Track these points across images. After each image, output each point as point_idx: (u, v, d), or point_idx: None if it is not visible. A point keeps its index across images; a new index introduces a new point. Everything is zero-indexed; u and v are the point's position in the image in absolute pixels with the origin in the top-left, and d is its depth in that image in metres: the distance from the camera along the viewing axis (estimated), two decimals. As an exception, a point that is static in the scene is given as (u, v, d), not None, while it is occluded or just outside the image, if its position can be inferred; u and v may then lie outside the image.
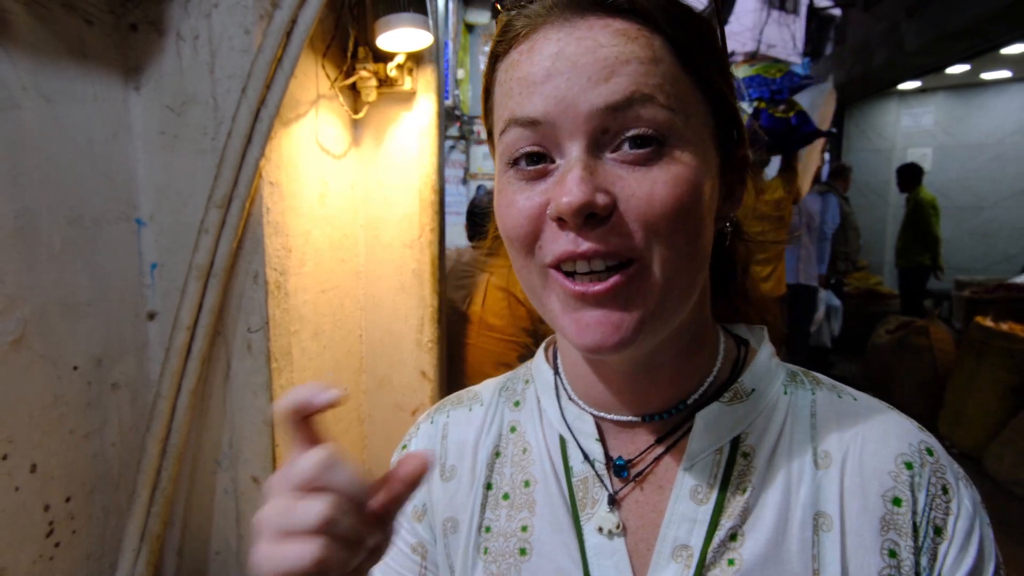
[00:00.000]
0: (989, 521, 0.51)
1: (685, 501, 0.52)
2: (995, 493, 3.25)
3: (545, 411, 0.60)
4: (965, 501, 0.50)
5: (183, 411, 1.34)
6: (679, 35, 0.47)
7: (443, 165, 1.87)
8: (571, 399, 0.58)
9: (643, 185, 0.44)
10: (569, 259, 0.45)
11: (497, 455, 0.60)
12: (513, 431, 0.61)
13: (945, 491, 0.50)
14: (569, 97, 0.45)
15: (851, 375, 5.06)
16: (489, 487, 0.59)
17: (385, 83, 1.69)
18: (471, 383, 2.47)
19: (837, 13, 9.43)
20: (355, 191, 1.79)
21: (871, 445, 0.51)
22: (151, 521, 1.33)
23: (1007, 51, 5.47)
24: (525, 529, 0.56)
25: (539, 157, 0.47)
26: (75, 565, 1.25)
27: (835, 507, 0.50)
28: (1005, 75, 6.62)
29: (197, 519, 1.50)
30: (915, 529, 0.49)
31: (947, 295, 6.10)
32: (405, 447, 0.67)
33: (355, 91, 1.70)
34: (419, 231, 1.82)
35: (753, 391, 0.54)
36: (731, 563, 0.50)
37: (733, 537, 0.50)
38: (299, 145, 1.49)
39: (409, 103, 1.76)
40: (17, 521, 1.12)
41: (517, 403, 0.63)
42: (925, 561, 0.48)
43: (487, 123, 0.57)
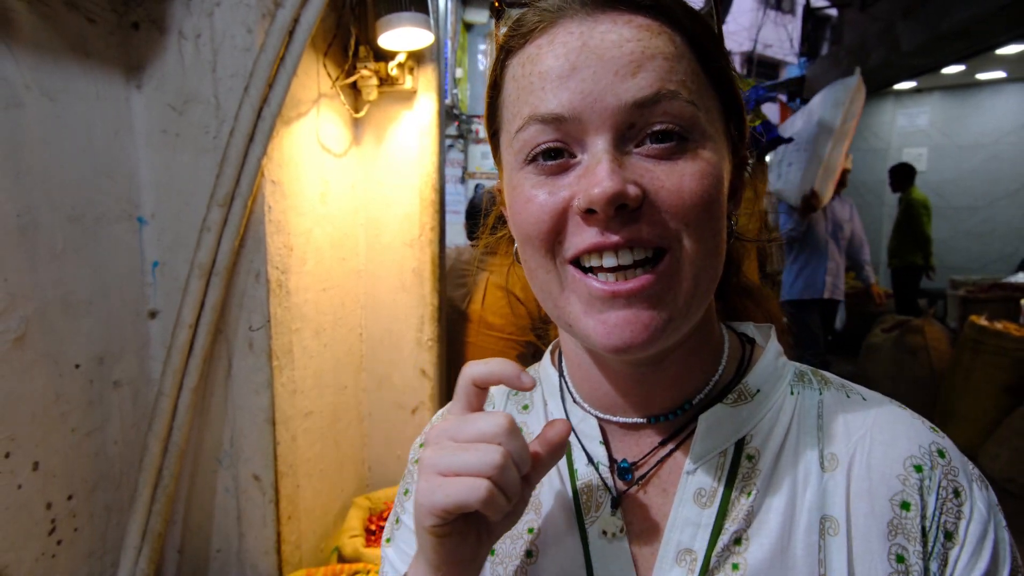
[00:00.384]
0: (1006, 524, 0.49)
1: (689, 504, 0.51)
2: (990, 492, 3.27)
3: (551, 414, 0.61)
4: (978, 504, 0.48)
5: (185, 409, 1.34)
6: (698, 32, 0.47)
7: (443, 164, 1.88)
8: (575, 402, 0.59)
9: (671, 177, 0.44)
10: (596, 250, 0.45)
11: None
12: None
13: (957, 494, 0.48)
14: (596, 91, 0.44)
15: (846, 374, 4.99)
16: None
17: (386, 82, 1.69)
18: (471, 381, 2.41)
19: (833, 13, 9.45)
20: (356, 190, 1.79)
21: (879, 447, 0.50)
22: (153, 519, 1.33)
23: (1002, 52, 5.49)
24: (531, 531, 0.57)
25: (557, 152, 0.46)
26: (77, 563, 1.26)
27: (841, 511, 0.49)
28: (1000, 75, 6.65)
29: (198, 517, 1.50)
30: (924, 534, 0.47)
31: (942, 294, 6.12)
32: (423, 445, 0.67)
33: (356, 90, 1.70)
34: (419, 230, 1.83)
35: (758, 392, 0.54)
36: (735, 568, 0.49)
37: (737, 541, 0.50)
38: (300, 144, 1.49)
39: (410, 102, 1.76)
40: (19, 519, 1.12)
41: (526, 406, 0.64)
42: (935, 566, 0.47)
43: (493, 121, 0.55)
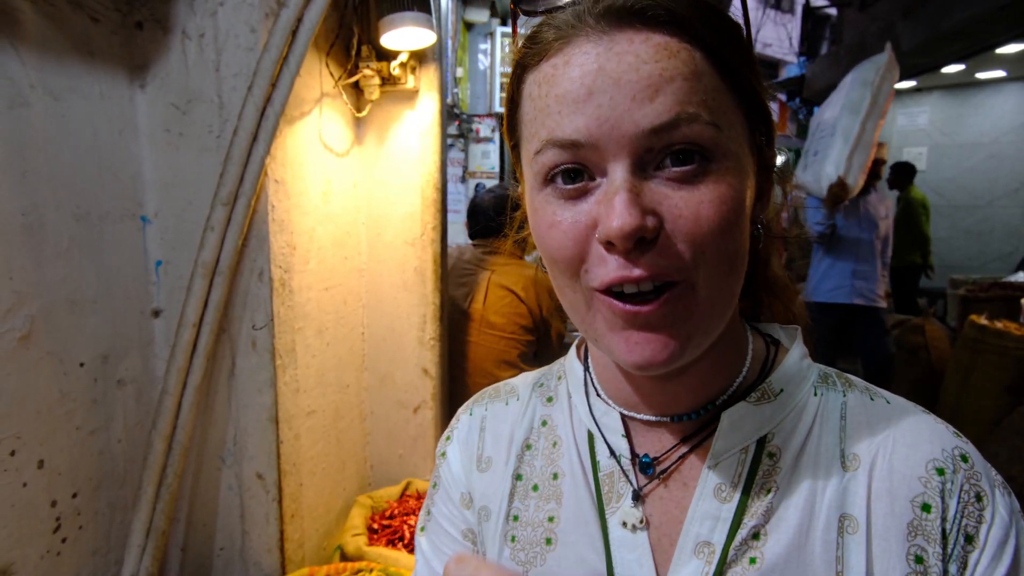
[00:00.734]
0: None
1: (709, 499, 0.52)
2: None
3: (575, 407, 0.61)
4: (1000, 509, 0.49)
5: (188, 408, 1.34)
6: (719, 45, 0.46)
7: (445, 163, 1.88)
8: (599, 396, 0.59)
9: (690, 205, 0.44)
10: (620, 283, 0.45)
11: (528, 447, 0.62)
12: (544, 425, 0.63)
13: (979, 499, 0.49)
14: (613, 118, 0.44)
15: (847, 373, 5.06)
16: (519, 478, 0.61)
17: (388, 81, 1.70)
18: (472, 381, 2.46)
19: (833, 13, 9.46)
20: (358, 189, 1.80)
21: (902, 449, 0.50)
22: (156, 517, 1.33)
23: (1002, 51, 5.50)
24: (552, 519, 0.58)
25: (577, 173, 0.46)
26: (81, 560, 1.26)
27: (861, 510, 0.49)
28: (1000, 75, 6.67)
29: (201, 515, 1.51)
30: (944, 536, 0.48)
31: (942, 293, 6.13)
32: (449, 438, 0.69)
33: (358, 89, 1.71)
34: (421, 229, 1.83)
35: (781, 391, 0.54)
36: (752, 562, 0.50)
37: (756, 536, 0.50)
38: (303, 143, 1.49)
39: (412, 101, 1.77)
40: (25, 516, 1.12)
41: (550, 399, 0.65)
42: (954, 569, 0.47)
43: (512, 136, 0.54)
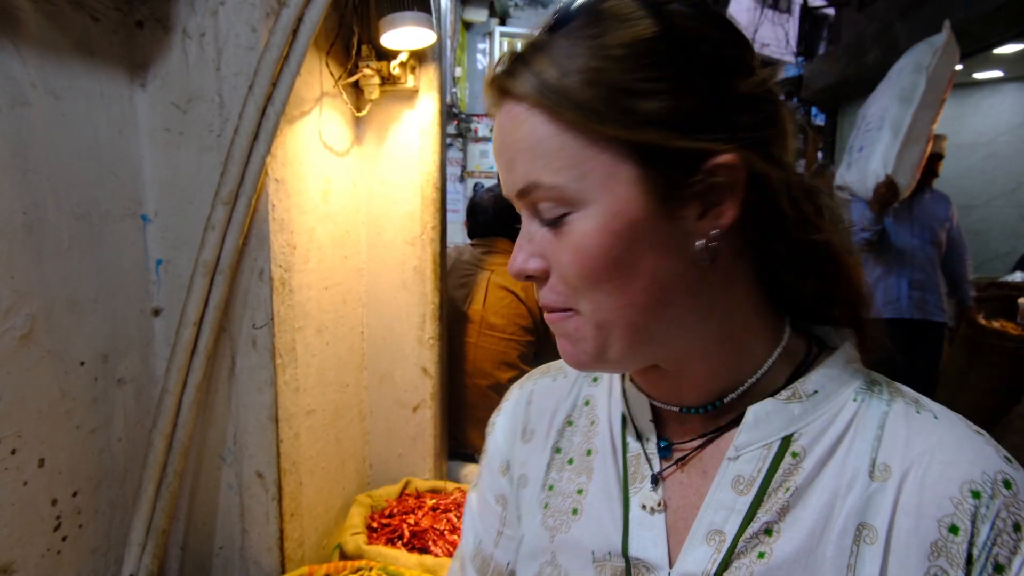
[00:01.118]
0: None
1: (726, 489, 0.53)
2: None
3: (614, 389, 0.65)
4: None
5: (189, 407, 1.34)
6: (556, 104, 0.47)
7: (444, 163, 1.89)
8: (632, 381, 0.63)
9: (558, 252, 0.51)
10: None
11: (569, 424, 0.67)
12: (587, 404, 0.68)
13: (1017, 528, 0.47)
14: (504, 181, 0.54)
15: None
16: (558, 451, 0.67)
17: (388, 81, 1.70)
18: (472, 382, 2.47)
19: (831, 13, 9.47)
20: (357, 188, 1.80)
21: (937, 467, 0.49)
22: (157, 516, 1.34)
23: (999, 51, 5.51)
24: (580, 492, 0.62)
25: None
26: (82, 559, 1.26)
27: (884, 522, 0.49)
28: (997, 75, 6.67)
29: (201, 514, 1.51)
30: (970, 561, 0.47)
31: (939, 293, 6.15)
32: (500, 410, 0.75)
33: (358, 89, 1.71)
34: (421, 228, 1.83)
35: (815, 393, 0.54)
36: (761, 556, 0.50)
37: (768, 532, 0.51)
38: (303, 142, 1.50)
39: (411, 101, 1.77)
40: (26, 515, 1.12)
41: (596, 379, 0.69)
42: None
43: None
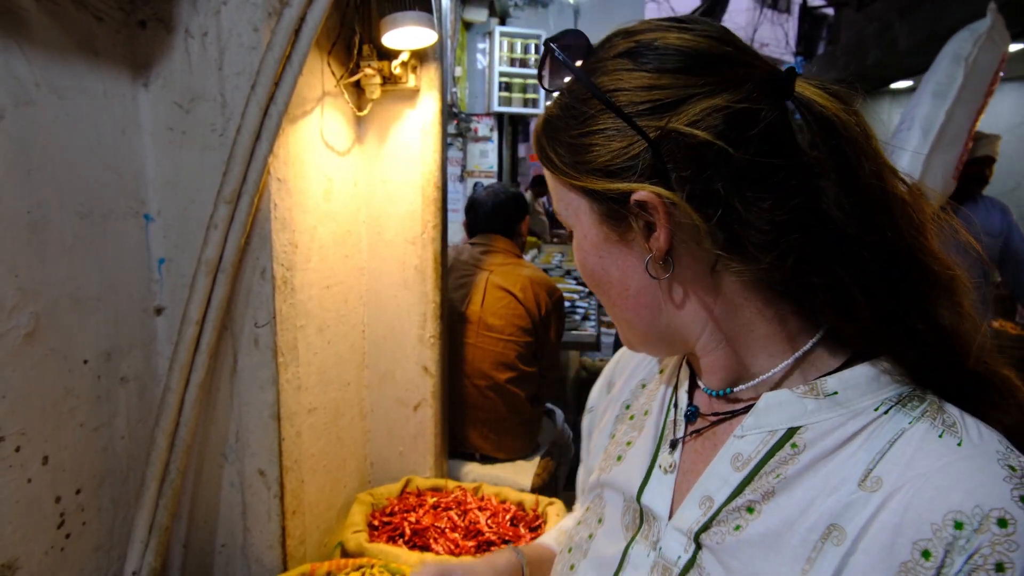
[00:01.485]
0: None
1: (725, 463, 0.59)
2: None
3: (680, 363, 0.72)
4: None
5: (191, 405, 1.35)
6: (545, 161, 0.62)
7: (445, 162, 1.89)
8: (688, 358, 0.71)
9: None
10: None
11: (643, 386, 0.77)
12: (661, 372, 0.76)
13: (999, 568, 0.44)
14: None
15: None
16: (627, 407, 0.77)
17: (389, 80, 1.70)
18: (471, 382, 2.49)
19: (830, 13, 9.48)
20: (359, 187, 1.80)
21: (930, 491, 0.47)
22: (160, 513, 1.34)
23: (998, 52, 5.52)
24: (629, 444, 0.72)
25: None
26: (85, 556, 1.27)
27: (856, 528, 0.49)
28: (996, 75, 6.69)
29: (203, 512, 1.52)
30: None
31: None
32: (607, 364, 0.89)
33: (359, 88, 1.71)
34: (421, 227, 1.84)
35: (835, 393, 0.54)
36: (737, 528, 0.56)
37: (749, 509, 0.56)
38: (305, 142, 1.50)
39: (412, 100, 1.78)
40: (30, 512, 1.13)
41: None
42: None
43: None
